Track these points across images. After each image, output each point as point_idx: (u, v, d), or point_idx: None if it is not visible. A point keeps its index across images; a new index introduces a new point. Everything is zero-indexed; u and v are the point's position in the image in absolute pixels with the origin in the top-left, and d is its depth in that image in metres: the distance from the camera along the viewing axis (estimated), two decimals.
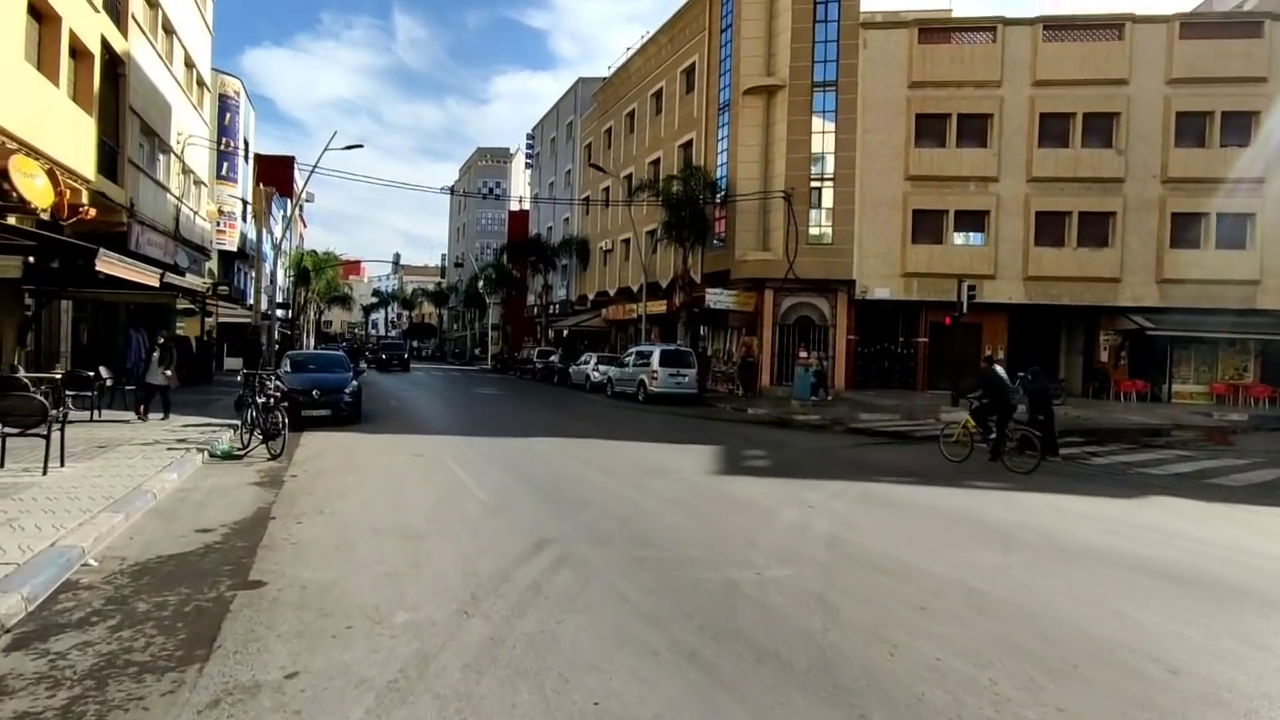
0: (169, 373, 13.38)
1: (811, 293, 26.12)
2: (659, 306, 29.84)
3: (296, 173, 68.18)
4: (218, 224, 32.60)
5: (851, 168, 25.14)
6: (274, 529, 6.11)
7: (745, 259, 26.37)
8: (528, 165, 56.57)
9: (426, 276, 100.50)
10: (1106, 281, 23.93)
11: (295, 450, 10.52)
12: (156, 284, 10.58)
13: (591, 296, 41.17)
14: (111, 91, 15.84)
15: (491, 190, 77.48)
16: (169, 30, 19.84)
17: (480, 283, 63.06)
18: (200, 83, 23.69)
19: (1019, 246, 24.58)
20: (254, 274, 41.38)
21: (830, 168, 25.41)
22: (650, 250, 31.76)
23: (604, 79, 41.83)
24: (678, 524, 6.63)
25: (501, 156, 79.38)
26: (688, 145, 31.00)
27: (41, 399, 7.38)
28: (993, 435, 11.26)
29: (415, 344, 71.41)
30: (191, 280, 12.60)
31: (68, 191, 11.65)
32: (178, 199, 20.72)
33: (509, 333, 57.43)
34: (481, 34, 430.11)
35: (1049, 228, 24.53)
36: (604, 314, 38.61)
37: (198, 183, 23.85)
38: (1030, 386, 12.33)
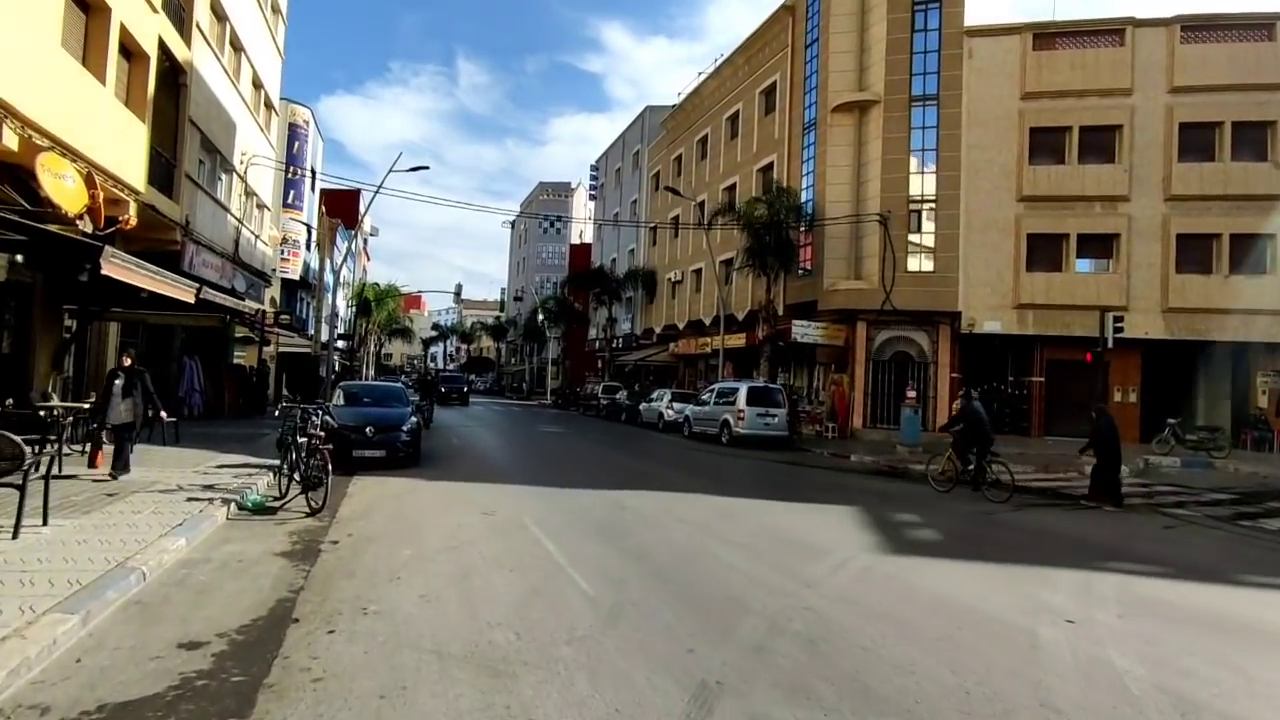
0: (154, 410, 9.63)
1: (910, 325, 23.51)
2: (737, 340, 27.61)
3: (362, 207, 69.45)
4: (281, 251, 32.04)
5: (956, 188, 22.66)
6: (293, 644, 4.09)
7: (835, 288, 24.02)
8: (591, 197, 55.63)
9: (485, 310, 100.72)
10: (1268, 314, 20.60)
11: (341, 502, 8.63)
12: (191, 299, 9.00)
13: (659, 330, 39.23)
14: (170, 101, 14.79)
15: (553, 224, 77.15)
16: (237, 47, 19.04)
17: (540, 316, 62.06)
18: (269, 105, 22.98)
19: (1156, 274, 21.54)
20: (316, 303, 41.00)
21: (931, 189, 22.98)
22: (725, 280, 29.68)
23: (672, 107, 40.50)
24: (899, 654, 4.32)
25: (563, 191, 79.15)
26: (768, 169, 29.03)
27: (16, 440, 5.62)
28: (971, 467, 11.87)
29: (473, 377, 70.62)
30: (234, 300, 11.08)
31: (104, 197, 10.28)
32: (239, 220, 19.71)
33: (568, 367, 55.93)
34: (540, 78, 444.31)
35: (1193, 252, 21.44)
36: (672, 348, 36.59)
37: (261, 206, 22.98)
38: (1095, 426, 11.60)
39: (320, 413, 9.45)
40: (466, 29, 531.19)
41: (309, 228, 35.33)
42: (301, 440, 8.26)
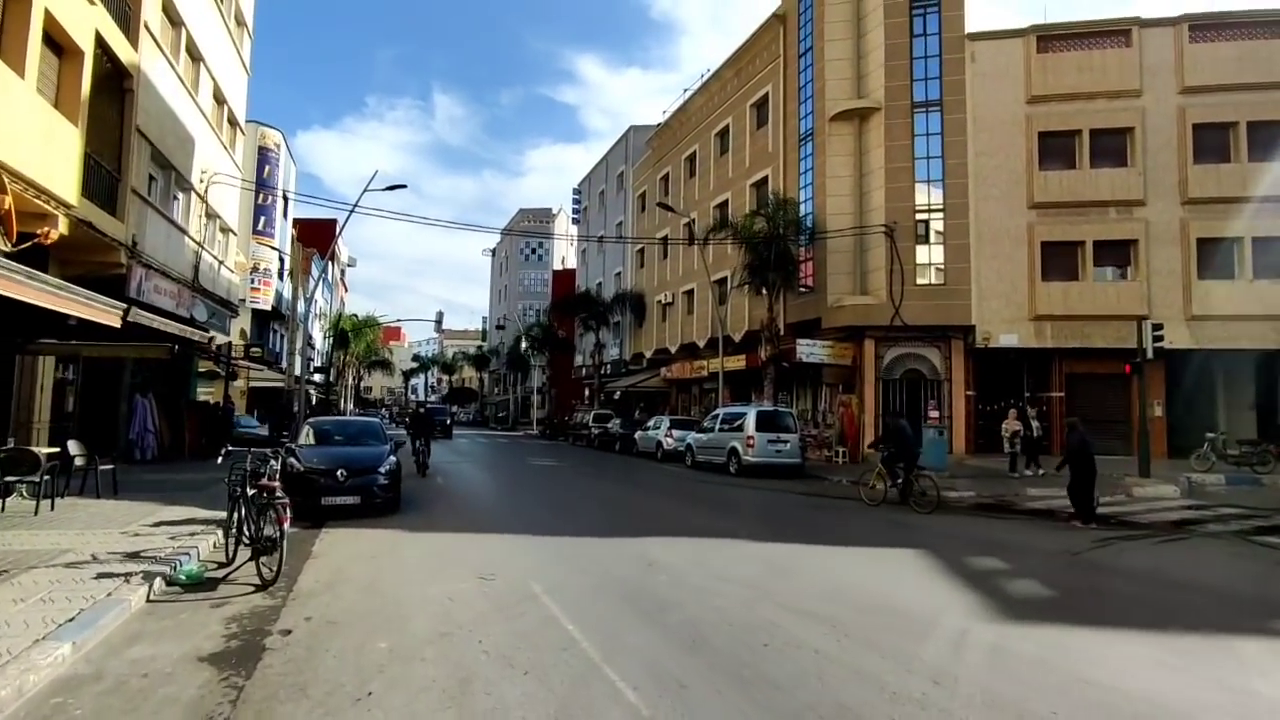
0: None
1: (920, 342, 22.26)
2: (736, 362, 26.19)
3: (338, 235, 67.62)
4: (251, 280, 30.28)
5: (964, 196, 21.60)
6: None
7: (840, 304, 22.75)
8: (575, 220, 54.40)
9: (467, 340, 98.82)
10: None
11: (304, 566, 6.96)
12: (115, 322, 7.36)
13: (649, 355, 37.76)
14: (114, 108, 13.22)
15: (534, 250, 75.87)
16: (195, 56, 17.54)
17: (523, 344, 60.42)
18: (233, 122, 21.43)
19: (1177, 280, 20.50)
20: (290, 335, 39.07)
21: (938, 197, 21.91)
22: (719, 300, 28.37)
23: (657, 126, 39.54)
24: None
25: (544, 216, 78.05)
26: (762, 183, 27.91)
27: None
28: (899, 480, 12.41)
29: (456, 409, 68.49)
30: (178, 326, 9.37)
31: (16, 207, 8.65)
32: (198, 244, 18.03)
33: (555, 396, 54.19)
34: (515, 110, 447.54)
35: (1215, 257, 20.45)
36: (664, 373, 35.10)
37: (226, 230, 21.30)
38: (1069, 442, 11.39)
39: (277, 456, 7.80)
40: (442, 63, 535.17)
41: (281, 256, 33.61)
42: (251, 493, 6.62)
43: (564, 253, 77.50)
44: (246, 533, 6.58)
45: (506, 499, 13.18)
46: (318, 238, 50.00)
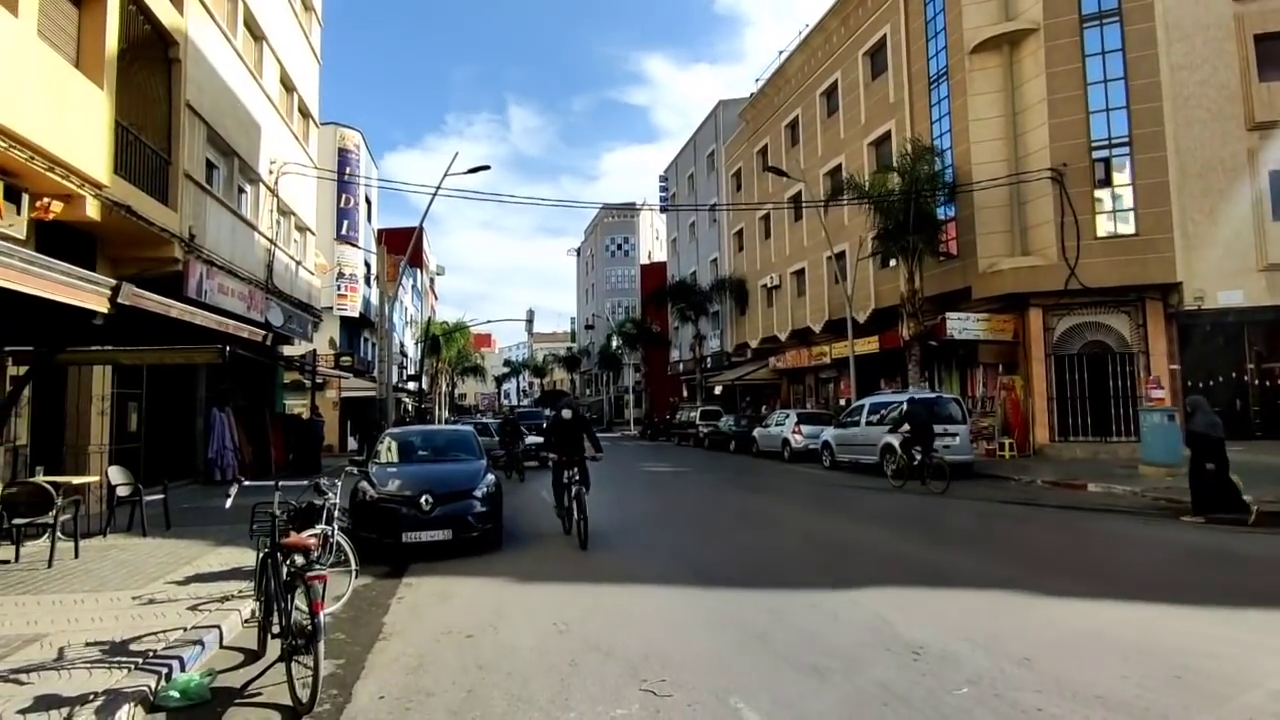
0: None
1: (1103, 308, 18.27)
2: (868, 345, 22.74)
3: (427, 246, 67.60)
4: (337, 287, 29.21)
5: (1159, 123, 17.45)
6: None
7: (996, 269, 19.01)
8: (663, 209, 51.72)
9: (556, 343, 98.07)
10: None
11: (366, 662, 4.49)
12: (104, 306, 5.16)
13: (754, 344, 34.60)
14: (159, 81, 11.47)
15: (620, 246, 73.81)
16: (256, 34, 15.91)
17: (614, 343, 58.31)
18: (305, 113, 19.91)
19: None
20: (380, 342, 38.26)
21: (1122, 128, 17.83)
22: (838, 278, 24.94)
23: (750, 96, 36.33)
24: None
25: (627, 211, 75.84)
26: (883, 141, 24.33)
27: None
28: (917, 462, 13.39)
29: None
30: (217, 320, 7.28)
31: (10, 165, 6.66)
32: (270, 241, 16.41)
33: (651, 394, 51.72)
34: (588, 116, 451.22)
35: None
36: (772, 363, 31.92)
37: (302, 229, 19.79)
38: (1190, 427, 9.77)
39: (332, 488, 5.41)
40: (515, 76, 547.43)
41: (367, 261, 32.55)
42: (285, 565, 4.18)
43: (649, 247, 75.09)
44: (275, 619, 4.14)
45: (634, 520, 10.53)
46: (404, 246, 49.53)
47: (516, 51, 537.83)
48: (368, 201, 33.25)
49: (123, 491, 8.84)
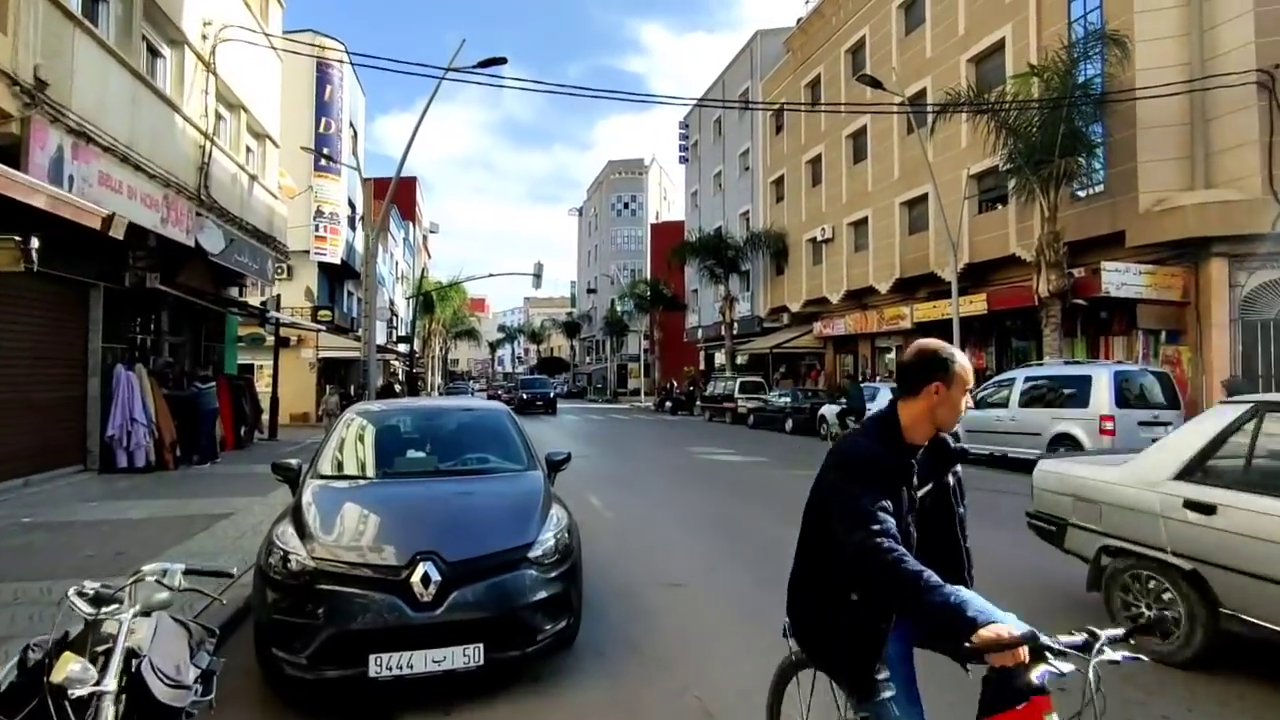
0: None
1: None
2: (972, 305, 18.30)
3: (420, 199, 62.28)
4: (315, 227, 24.44)
5: None
6: None
7: (1164, 207, 14.59)
8: (682, 159, 46.68)
9: (554, 308, 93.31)
10: None
11: None
12: None
13: (795, 308, 30.14)
14: None
15: (626, 205, 68.79)
16: None
17: (620, 307, 53.69)
18: None
19: None
20: (367, 296, 33.54)
21: None
22: (913, 225, 20.40)
23: (797, 23, 31.38)
24: None
25: (635, 168, 70.70)
26: (990, 54, 19.65)
27: None
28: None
29: (550, 380, 62.92)
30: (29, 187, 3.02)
31: None
32: (205, 135, 11.68)
33: (664, 362, 47.29)
34: (583, 82, 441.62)
35: None
36: (817, 328, 27.48)
37: (260, 135, 15.04)
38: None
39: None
40: (509, 41, 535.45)
41: (351, 201, 27.69)
42: None
43: (657, 206, 70.07)
44: None
45: (768, 565, 6.15)
46: (398, 197, 44.52)
47: (511, 16, 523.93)
48: (353, 129, 28.26)
49: None
